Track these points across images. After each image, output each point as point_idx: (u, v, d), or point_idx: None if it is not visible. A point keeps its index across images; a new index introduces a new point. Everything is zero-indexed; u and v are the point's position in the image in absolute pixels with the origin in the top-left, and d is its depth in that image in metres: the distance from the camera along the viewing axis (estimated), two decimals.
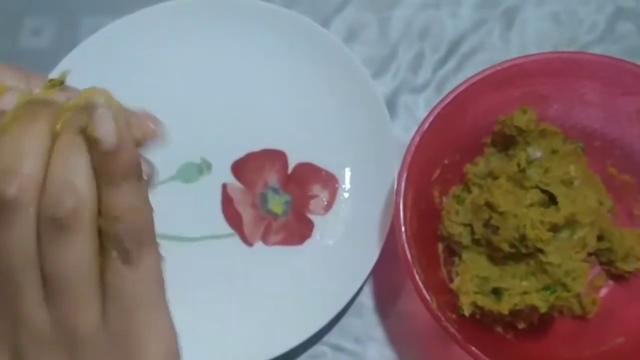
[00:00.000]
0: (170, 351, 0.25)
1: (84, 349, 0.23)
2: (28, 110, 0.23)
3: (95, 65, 0.56)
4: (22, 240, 0.22)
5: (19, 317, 0.23)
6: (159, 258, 0.24)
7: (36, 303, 0.22)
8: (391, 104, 0.56)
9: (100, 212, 0.23)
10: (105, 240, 0.23)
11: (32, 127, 0.22)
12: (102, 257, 0.23)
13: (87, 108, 0.23)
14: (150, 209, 0.24)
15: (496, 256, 0.46)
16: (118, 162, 0.22)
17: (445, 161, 0.49)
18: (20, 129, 0.22)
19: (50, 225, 0.22)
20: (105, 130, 0.22)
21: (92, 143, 0.22)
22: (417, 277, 0.43)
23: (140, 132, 0.24)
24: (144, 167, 0.24)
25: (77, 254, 0.22)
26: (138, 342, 0.24)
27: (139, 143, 0.24)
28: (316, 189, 0.54)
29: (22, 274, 0.22)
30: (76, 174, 0.22)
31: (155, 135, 0.25)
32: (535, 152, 0.48)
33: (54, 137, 0.23)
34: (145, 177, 0.24)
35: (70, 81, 0.55)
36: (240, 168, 0.55)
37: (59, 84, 0.25)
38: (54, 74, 0.55)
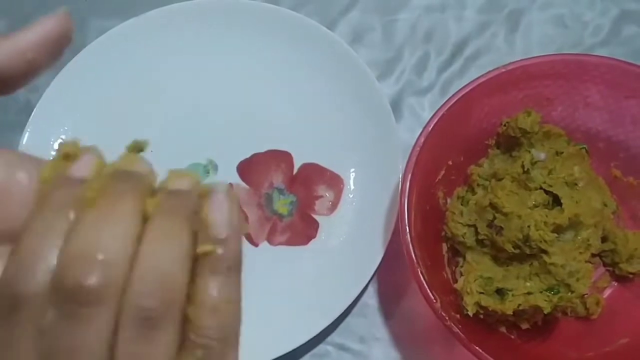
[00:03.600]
0: None
1: None
2: (115, 185, 0.20)
3: (102, 67, 0.57)
4: (97, 337, 0.19)
5: None
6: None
7: None
8: (396, 106, 0.57)
9: (189, 300, 0.20)
10: (190, 333, 0.20)
11: (121, 207, 0.19)
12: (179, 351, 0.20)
13: (205, 192, 0.21)
14: (241, 307, 0.22)
15: (500, 257, 0.46)
16: (226, 251, 0.21)
17: (450, 162, 0.50)
18: (108, 207, 0.19)
19: (136, 321, 0.19)
20: (220, 217, 0.20)
21: (200, 228, 0.20)
22: (421, 277, 0.43)
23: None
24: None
25: (160, 351, 0.19)
26: None
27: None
28: (321, 189, 0.54)
29: None
30: (174, 263, 0.19)
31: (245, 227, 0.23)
32: (540, 154, 0.48)
33: (145, 219, 0.20)
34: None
35: (77, 83, 0.56)
36: (245, 169, 0.55)
37: (140, 149, 0.22)
38: (61, 76, 0.56)
